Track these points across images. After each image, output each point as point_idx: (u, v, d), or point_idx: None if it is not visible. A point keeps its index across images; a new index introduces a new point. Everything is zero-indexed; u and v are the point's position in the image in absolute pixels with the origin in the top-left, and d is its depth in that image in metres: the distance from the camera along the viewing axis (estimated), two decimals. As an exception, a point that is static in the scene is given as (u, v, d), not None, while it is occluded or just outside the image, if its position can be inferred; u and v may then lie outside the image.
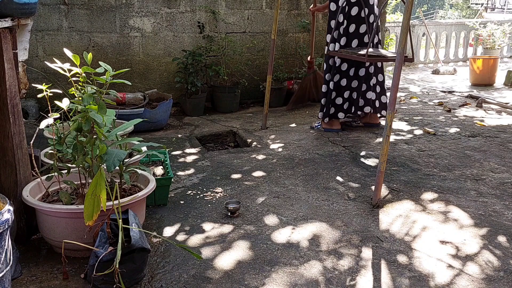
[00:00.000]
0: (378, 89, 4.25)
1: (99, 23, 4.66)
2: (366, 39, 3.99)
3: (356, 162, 3.39)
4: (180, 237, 2.32)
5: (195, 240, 2.28)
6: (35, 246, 2.20)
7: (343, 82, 4.08)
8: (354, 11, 3.94)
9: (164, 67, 5.01)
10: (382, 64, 4.24)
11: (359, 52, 3.72)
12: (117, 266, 1.73)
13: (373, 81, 4.20)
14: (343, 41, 4.01)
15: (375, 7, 4.03)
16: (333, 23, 4.07)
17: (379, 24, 4.12)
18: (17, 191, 2.15)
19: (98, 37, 4.68)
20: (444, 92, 6.30)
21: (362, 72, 4.08)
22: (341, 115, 4.15)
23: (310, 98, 5.25)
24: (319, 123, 4.34)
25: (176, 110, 5.04)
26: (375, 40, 4.06)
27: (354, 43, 4.00)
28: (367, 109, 4.22)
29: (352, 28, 3.97)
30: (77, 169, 2.16)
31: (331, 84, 4.11)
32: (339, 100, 4.13)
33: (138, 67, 4.90)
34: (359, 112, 4.24)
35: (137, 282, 1.91)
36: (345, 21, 3.99)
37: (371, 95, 4.18)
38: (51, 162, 2.29)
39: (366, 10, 3.94)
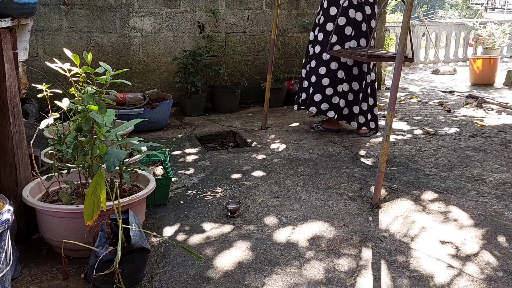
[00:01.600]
0: (351, 97, 4.05)
1: (99, 23, 4.66)
2: (333, 39, 3.87)
3: (356, 162, 3.39)
4: (180, 237, 2.32)
5: (195, 240, 2.28)
6: (35, 246, 2.20)
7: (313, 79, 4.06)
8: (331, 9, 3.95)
9: (164, 67, 5.01)
10: (359, 72, 4.00)
11: (359, 52, 3.72)
12: (117, 266, 1.73)
13: (345, 87, 4.01)
14: (311, 36, 4.09)
15: (351, 10, 3.86)
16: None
17: (366, 28, 3.97)
18: (17, 191, 2.15)
19: (98, 37, 4.68)
20: (444, 92, 6.30)
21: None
22: (295, 107, 4.22)
23: None
24: (318, 123, 4.33)
25: (176, 110, 5.04)
26: (354, 45, 3.92)
27: (320, 36, 3.95)
28: (331, 114, 4.01)
29: (321, 20, 3.99)
30: (77, 169, 2.16)
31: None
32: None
33: (138, 67, 4.90)
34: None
35: (137, 282, 1.91)
36: (322, 17, 3.98)
37: (337, 100, 4.00)
38: (51, 162, 2.29)
39: (335, 9, 3.86)
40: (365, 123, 4.07)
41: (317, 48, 3.98)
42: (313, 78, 4.01)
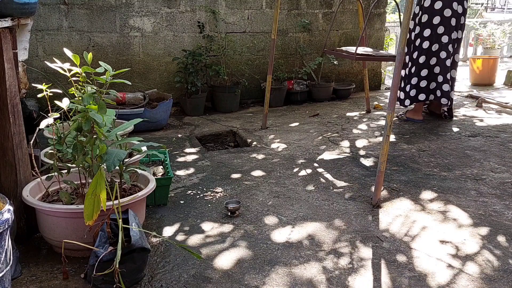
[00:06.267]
0: (438, 69, 4.32)
1: (99, 23, 4.66)
2: (439, 30, 4.15)
3: (356, 162, 3.39)
4: (180, 237, 2.32)
5: (195, 239, 2.28)
6: (35, 246, 2.21)
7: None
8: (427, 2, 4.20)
9: (164, 67, 5.01)
10: (448, 50, 4.20)
11: (350, 51, 3.79)
12: (117, 266, 1.73)
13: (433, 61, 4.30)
14: (417, 29, 4.29)
15: (454, 3, 4.12)
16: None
17: (461, 22, 4.21)
18: (17, 191, 2.15)
19: (98, 37, 4.68)
20: (444, 92, 6.30)
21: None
22: (422, 96, 4.33)
23: None
24: (404, 112, 4.62)
25: (176, 110, 5.04)
26: (454, 36, 4.20)
27: (426, 32, 4.21)
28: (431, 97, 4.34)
29: (424, 18, 4.19)
30: (77, 169, 2.16)
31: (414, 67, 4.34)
32: (414, 80, 4.33)
33: (138, 67, 4.90)
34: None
35: (137, 282, 1.91)
36: (420, 12, 4.26)
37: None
38: (51, 162, 2.29)
39: (440, 3, 4.13)
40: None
41: (425, 44, 4.22)
42: (425, 72, 4.27)
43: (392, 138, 3.95)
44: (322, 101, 5.59)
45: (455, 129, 4.24)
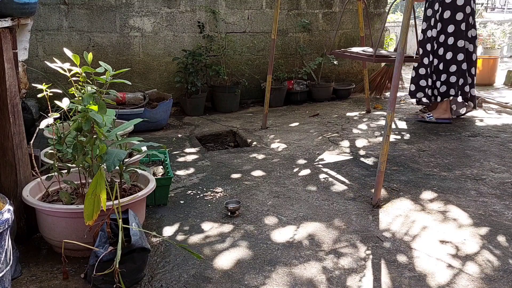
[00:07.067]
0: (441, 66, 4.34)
1: (99, 23, 4.66)
2: (463, 26, 4.19)
3: (356, 162, 3.39)
4: (180, 236, 2.32)
5: (195, 239, 2.28)
6: (35, 246, 2.21)
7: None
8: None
9: (164, 67, 5.01)
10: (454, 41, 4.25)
11: (366, 52, 3.74)
12: (117, 266, 1.73)
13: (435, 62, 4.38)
14: (439, 26, 4.31)
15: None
16: (429, 11, 4.43)
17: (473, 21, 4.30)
18: (17, 191, 2.15)
19: (98, 37, 4.68)
20: (444, 92, 6.29)
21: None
22: (452, 91, 4.34)
23: None
24: (430, 114, 4.54)
25: (176, 110, 5.04)
26: (474, 33, 4.33)
27: (450, 28, 4.23)
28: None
29: (446, 14, 4.22)
30: (77, 169, 2.16)
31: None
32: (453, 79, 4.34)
33: (138, 67, 4.90)
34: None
35: (137, 282, 1.91)
36: (440, 8, 4.27)
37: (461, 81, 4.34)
38: (51, 162, 2.29)
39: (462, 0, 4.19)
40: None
41: (450, 40, 4.25)
42: (453, 67, 4.30)
43: (392, 138, 3.95)
44: (322, 101, 5.60)
45: (455, 129, 4.24)
